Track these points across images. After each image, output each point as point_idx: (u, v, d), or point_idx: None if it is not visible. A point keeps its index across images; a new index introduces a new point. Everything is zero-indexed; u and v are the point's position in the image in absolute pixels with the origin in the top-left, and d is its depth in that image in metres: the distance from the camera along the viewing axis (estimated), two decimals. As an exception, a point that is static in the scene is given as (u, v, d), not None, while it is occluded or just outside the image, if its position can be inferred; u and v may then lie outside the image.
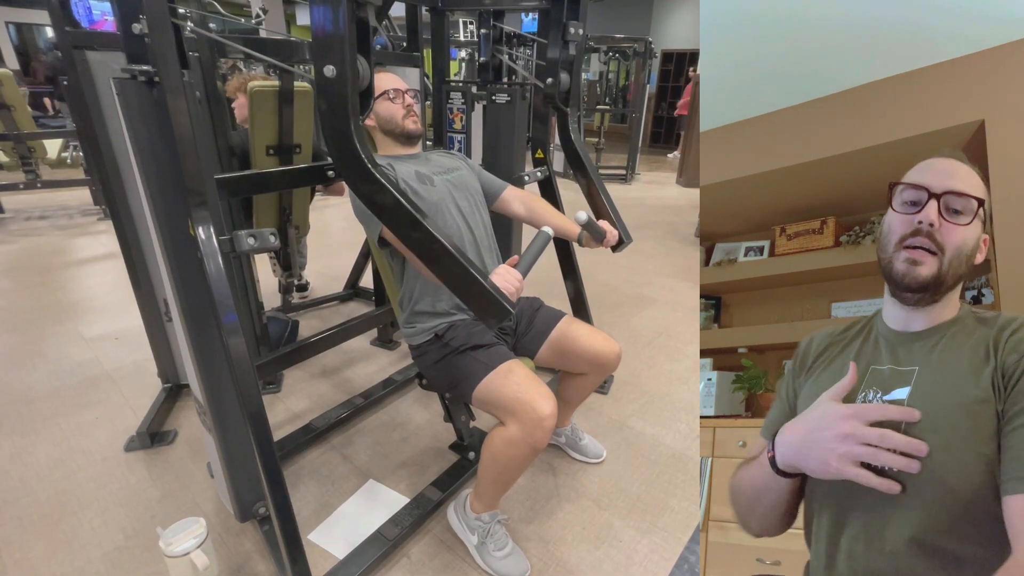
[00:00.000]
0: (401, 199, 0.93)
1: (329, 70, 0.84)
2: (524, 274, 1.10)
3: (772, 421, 0.91)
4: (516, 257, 1.13)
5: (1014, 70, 1.35)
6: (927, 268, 0.74)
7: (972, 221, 0.75)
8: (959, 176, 0.77)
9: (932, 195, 0.75)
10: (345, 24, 0.82)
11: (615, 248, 1.52)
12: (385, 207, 0.95)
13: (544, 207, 1.59)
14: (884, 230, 0.81)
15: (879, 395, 0.74)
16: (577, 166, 1.88)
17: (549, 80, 1.77)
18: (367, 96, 0.95)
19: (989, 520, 0.64)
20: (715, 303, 2.05)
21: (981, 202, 0.76)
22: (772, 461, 0.74)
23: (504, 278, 1.08)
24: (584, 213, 1.34)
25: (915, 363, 0.74)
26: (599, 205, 1.74)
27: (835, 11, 1.38)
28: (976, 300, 1.54)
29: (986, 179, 0.80)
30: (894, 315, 0.80)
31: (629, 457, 1.79)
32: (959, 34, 1.36)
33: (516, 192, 1.59)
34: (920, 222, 0.75)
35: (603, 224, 1.46)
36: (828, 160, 1.57)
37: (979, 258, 0.77)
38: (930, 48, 1.41)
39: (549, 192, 2.07)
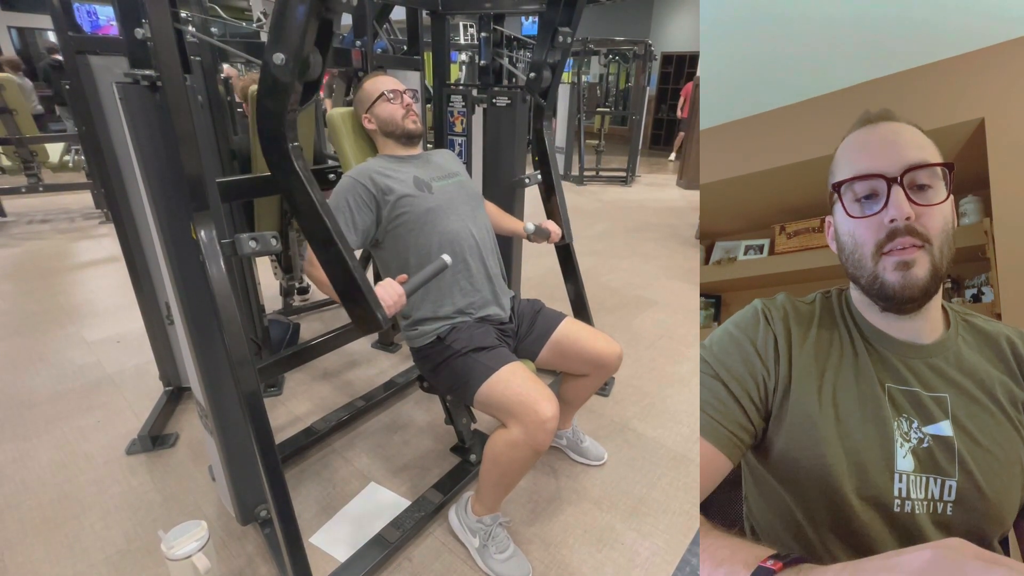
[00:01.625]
0: (311, 191, 0.96)
1: (279, 57, 0.85)
2: (409, 293, 1.13)
3: (718, 400, 0.67)
4: (405, 276, 1.16)
5: (1014, 68, 1.35)
6: (922, 267, 0.61)
7: (947, 196, 0.62)
8: (909, 143, 0.63)
9: (891, 181, 0.61)
10: (305, 19, 0.82)
11: (558, 244, 1.86)
12: (294, 196, 0.98)
13: (499, 214, 1.74)
14: (847, 244, 0.66)
15: (915, 425, 0.65)
16: (542, 160, 1.96)
17: (532, 74, 1.81)
18: (313, 88, 0.97)
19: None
20: (715, 302, 2.05)
21: (950, 167, 0.62)
22: None
23: (387, 290, 1.10)
24: (532, 224, 1.65)
25: (941, 387, 0.66)
26: (552, 203, 1.94)
27: (835, 10, 1.38)
28: (976, 299, 1.54)
29: (984, 176, 0.75)
30: (889, 324, 0.69)
31: (631, 459, 1.79)
32: (959, 32, 1.36)
33: (490, 205, 1.71)
34: (893, 220, 0.60)
35: (548, 225, 1.71)
36: (828, 158, 1.57)
37: (955, 224, 0.66)
38: (930, 46, 1.41)
39: (548, 194, 2.07)
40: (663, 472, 1.73)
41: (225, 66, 3.26)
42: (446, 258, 1.18)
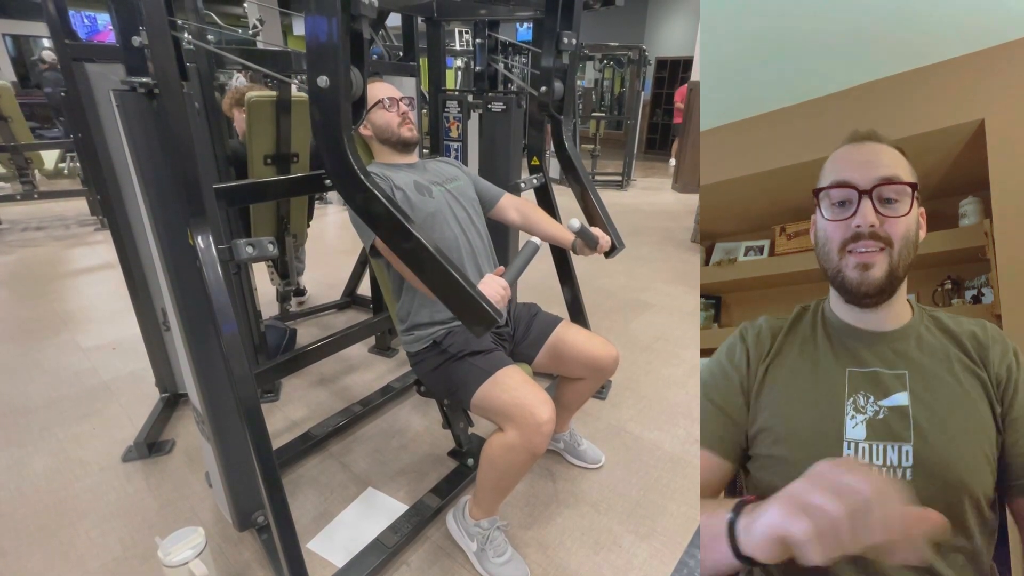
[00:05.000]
0: (392, 208, 0.94)
1: (322, 80, 0.85)
2: (511, 283, 1.13)
3: (715, 428, 0.79)
4: (503, 268, 1.16)
5: (1014, 69, 1.35)
6: (879, 268, 0.70)
7: (910, 210, 0.71)
8: (883, 162, 0.72)
9: (862, 192, 0.70)
10: (339, 35, 0.82)
11: (608, 254, 1.57)
12: (376, 216, 0.96)
13: (539, 215, 1.61)
14: (820, 239, 0.76)
15: (871, 399, 0.71)
16: (571, 173, 1.90)
17: (543, 89, 1.79)
18: (360, 106, 0.96)
19: (982, 512, 0.66)
20: (715, 303, 2.05)
21: (914, 187, 0.71)
22: (730, 529, 0.57)
23: (490, 286, 1.11)
24: (577, 221, 1.37)
25: (901, 365, 0.72)
26: (592, 212, 1.78)
27: (835, 11, 1.39)
28: (976, 300, 1.54)
29: (984, 176, 0.79)
30: (855, 315, 0.77)
31: (628, 462, 1.79)
32: (959, 33, 1.37)
33: (512, 200, 1.61)
34: (858, 225, 0.70)
35: (596, 231, 1.50)
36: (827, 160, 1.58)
37: (922, 235, 0.74)
38: (929, 47, 1.41)
39: (545, 199, 2.09)
40: (660, 474, 1.74)
41: (236, 80, 3.27)
42: (535, 241, 1.17)
